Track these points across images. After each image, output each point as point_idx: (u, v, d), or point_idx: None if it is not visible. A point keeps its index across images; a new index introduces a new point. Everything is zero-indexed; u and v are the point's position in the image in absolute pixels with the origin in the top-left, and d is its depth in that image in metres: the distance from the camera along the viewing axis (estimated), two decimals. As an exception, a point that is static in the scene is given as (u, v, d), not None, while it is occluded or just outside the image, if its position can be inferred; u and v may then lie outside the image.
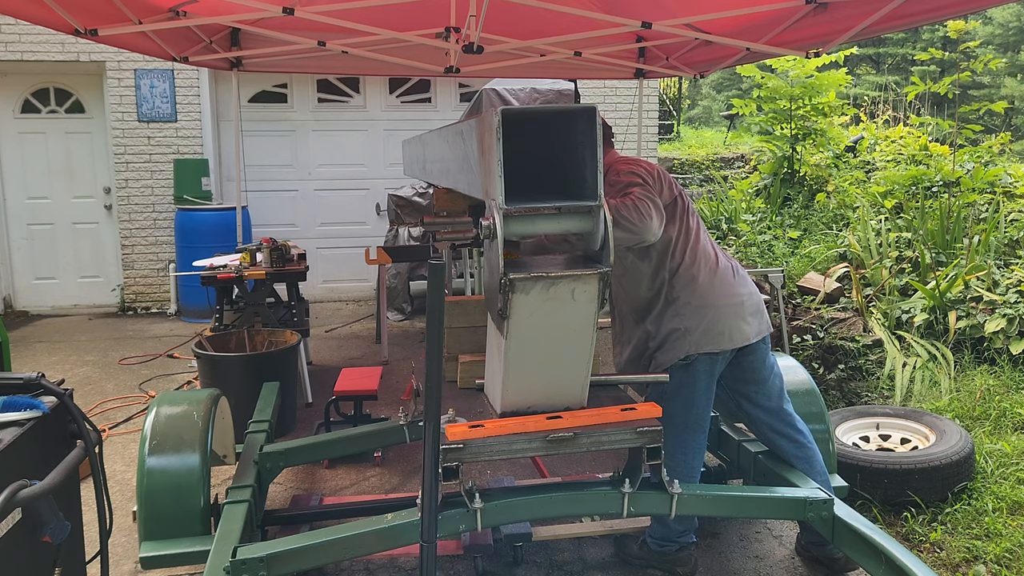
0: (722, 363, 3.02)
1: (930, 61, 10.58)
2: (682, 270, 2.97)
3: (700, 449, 3.11)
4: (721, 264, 3.05)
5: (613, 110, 8.70)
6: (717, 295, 2.97)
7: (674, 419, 2.99)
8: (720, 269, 3.04)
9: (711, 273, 3.00)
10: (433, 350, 2.15)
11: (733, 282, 3.03)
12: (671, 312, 2.98)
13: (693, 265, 2.98)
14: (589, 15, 4.58)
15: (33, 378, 2.12)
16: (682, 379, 2.98)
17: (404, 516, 2.59)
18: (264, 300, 5.31)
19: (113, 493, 3.78)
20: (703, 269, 2.99)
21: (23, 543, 1.90)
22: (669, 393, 2.99)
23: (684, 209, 3.04)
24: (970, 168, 7.13)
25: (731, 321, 2.95)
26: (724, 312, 2.95)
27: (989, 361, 4.98)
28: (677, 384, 2.98)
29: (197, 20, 4.62)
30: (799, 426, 3.15)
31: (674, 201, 3.01)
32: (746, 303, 3.02)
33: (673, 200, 3.01)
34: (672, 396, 3.00)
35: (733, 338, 2.95)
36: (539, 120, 2.43)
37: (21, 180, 8.07)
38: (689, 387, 3.00)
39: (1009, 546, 3.27)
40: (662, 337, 2.99)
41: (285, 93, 8.39)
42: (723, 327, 2.94)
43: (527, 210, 2.32)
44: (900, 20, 3.87)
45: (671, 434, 2.98)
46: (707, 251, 3.05)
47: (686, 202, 3.07)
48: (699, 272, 2.98)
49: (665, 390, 2.99)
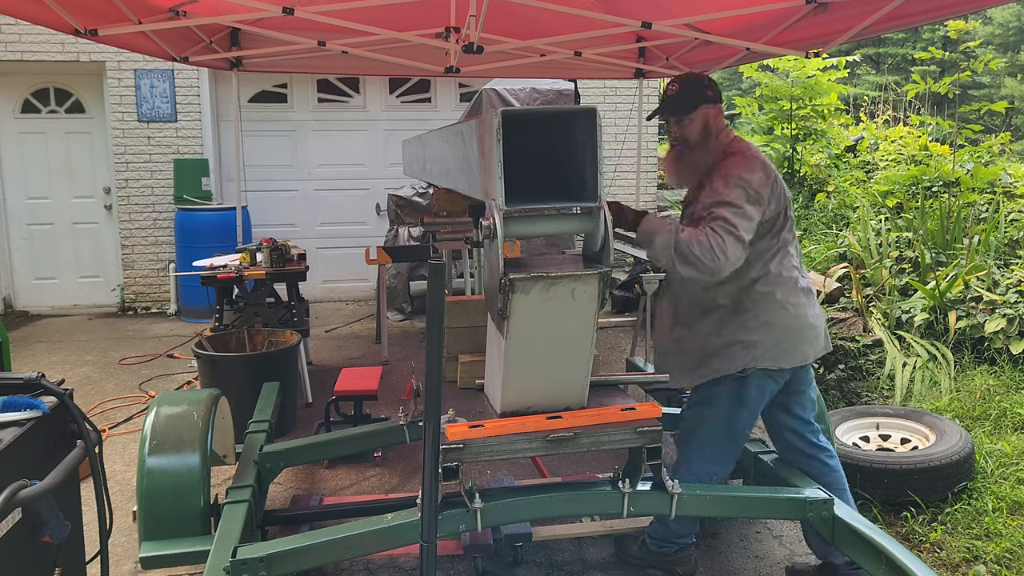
0: (777, 382, 2.90)
1: (930, 61, 10.58)
2: (763, 283, 2.83)
3: (729, 462, 3.03)
4: (801, 283, 2.91)
5: (613, 110, 8.70)
6: (791, 314, 2.83)
7: (713, 427, 2.91)
8: (800, 288, 2.89)
9: (791, 291, 2.85)
10: (433, 350, 2.15)
11: (806, 302, 2.90)
12: (740, 322, 2.84)
13: (776, 280, 2.83)
14: (589, 15, 4.58)
15: (33, 378, 2.12)
16: (733, 390, 2.87)
17: (404, 516, 2.59)
18: (264, 300, 5.31)
19: (113, 493, 3.78)
20: (784, 285, 2.84)
21: (23, 543, 1.90)
22: (714, 400, 2.90)
23: (784, 222, 2.85)
24: (970, 168, 7.13)
25: (798, 342, 2.85)
26: (793, 332, 2.84)
27: (989, 361, 4.98)
28: (726, 393, 2.88)
29: (197, 20, 4.62)
30: (825, 444, 3.07)
31: (778, 215, 2.81)
32: (816, 325, 2.90)
33: (777, 214, 2.81)
34: (716, 404, 2.91)
35: (794, 358, 2.85)
36: (539, 121, 2.43)
37: (21, 180, 8.07)
38: (738, 400, 2.89)
39: (1009, 546, 3.27)
40: (722, 344, 2.85)
41: (285, 93, 8.39)
42: (788, 346, 2.83)
43: (527, 211, 2.32)
44: (900, 20, 3.87)
45: (706, 442, 2.92)
46: (792, 267, 2.89)
47: (789, 214, 2.87)
48: (779, 288, 2.83)
49: (711, 396, 2.90)
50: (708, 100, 2.86)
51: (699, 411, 2.99)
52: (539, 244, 7.30)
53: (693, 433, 3.02)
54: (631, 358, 4.64)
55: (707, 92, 2.87)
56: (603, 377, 2.92)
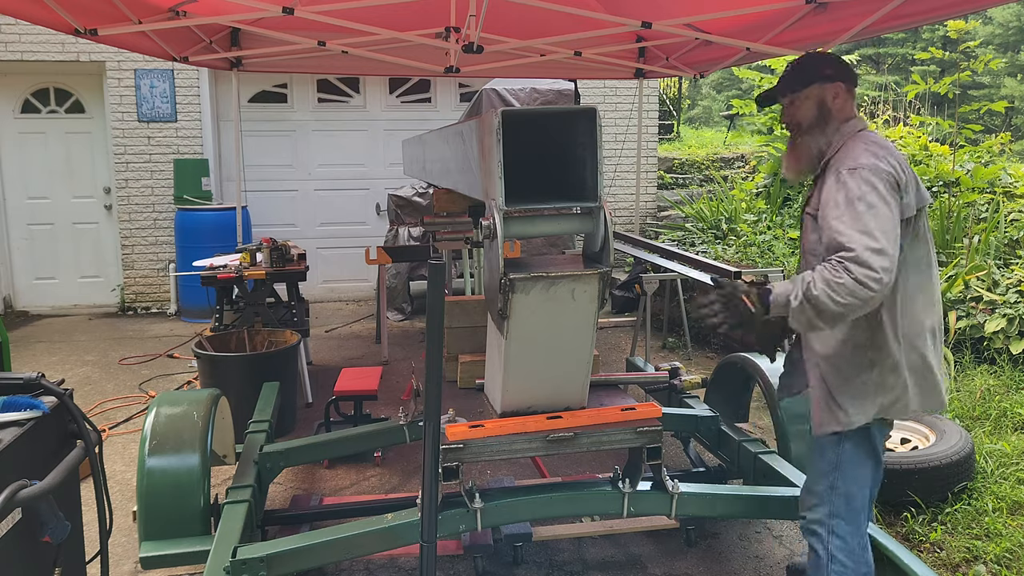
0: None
1: (930, 61, 10.58)
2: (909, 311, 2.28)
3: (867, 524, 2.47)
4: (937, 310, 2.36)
5: (613, 110, 8.70)
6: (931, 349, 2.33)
7: (853, 494, 2.36)
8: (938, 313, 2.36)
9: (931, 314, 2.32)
10: (433, 350, 2.15)
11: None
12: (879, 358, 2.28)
13: (922, 306, 2.30)
14: (589, 15, 4.58)
15: (33, 378, 2.12)
16: (861, 444, 2.35)
17: (404, 516, 2.60)
18: (264, 300, 5.31)
19: (113, 493, 3.78)
20: (930, 313, 2.32)
21: (23, 543, 1.90)
22: (845, 462, 2.35)
23: (923, 228, 2.30)
24: (970, 168, 7.13)
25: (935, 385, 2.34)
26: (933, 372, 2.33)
27: (989, 361, 4.98)
28: (856, 449, 2.35)
29: (197, 20, 4.62)
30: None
31: (912, 219, 2.23)
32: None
33: (911, 217, 2.23)
34: (852, 464, 2.35)
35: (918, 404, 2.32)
36: (539, 121, 2.43)
37: (21, 180, 8.07)
38: (872, 454, 2.38)
39: (1009, 546, 3.27)
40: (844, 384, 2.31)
41: (285, 93, 8.39)
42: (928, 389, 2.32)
43: (527, 211, 2.33)
44: (900, 20, 3.87)
45: (848, 513, 2.36)
46: (935, 286, 2.34)
47: (924, 217, 2.32)
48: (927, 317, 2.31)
49: (840, 460, 2.36)
50: (825, 78, 2.37)
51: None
52: (539, 244, 7.30)
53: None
54: (631, 358, 4.64)
55: (824, 69, 2.39)
56: (603, 377, 2.92)
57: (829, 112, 2.37)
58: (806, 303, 2.09)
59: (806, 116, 2.40)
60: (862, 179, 2.13)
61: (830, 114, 2.37)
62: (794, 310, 2.12)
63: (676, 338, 6.67)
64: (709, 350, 6.47)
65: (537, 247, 7.26)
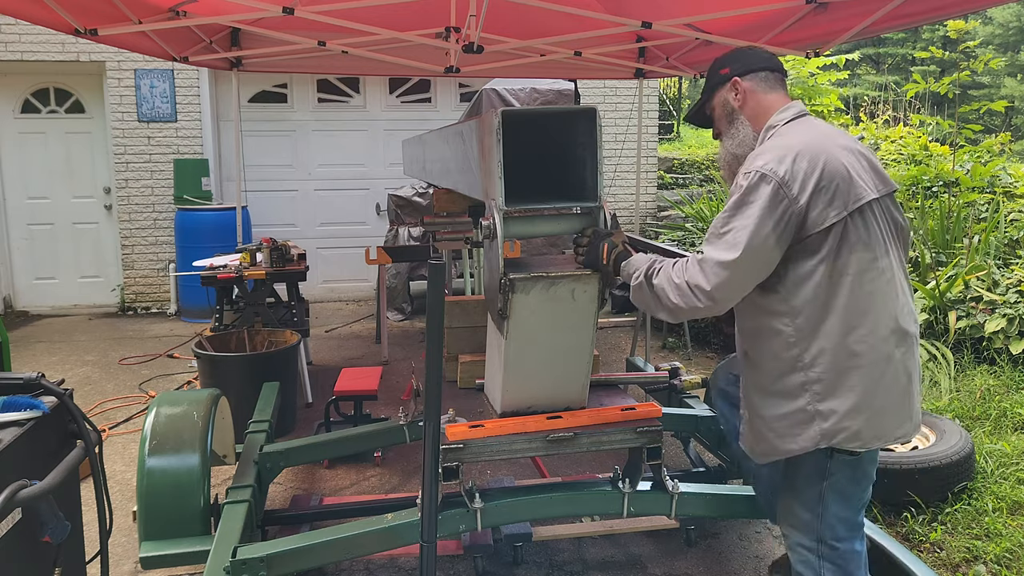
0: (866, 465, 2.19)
1: (930, 60, 10.58)
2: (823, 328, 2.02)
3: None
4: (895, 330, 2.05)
5: (613, 110, 8.70)
6: (888, 366, 2.05)
7: (803, 522, 2.20)
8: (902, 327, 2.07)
9: (887, 329, 2.04)
10: (433, 350, 2.15)
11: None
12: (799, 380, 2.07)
13: (875, 321, 2.02)
14: (589, 15, 4.58)
15: (33, 378, 2.12)
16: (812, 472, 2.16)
17: (404, 516, 2.60)
18: (264, 300, 5.31)
19: (113, 493, 3.78)
20: (885, 327, 2.03)
21: (23, 543, 1.90)
22: (799, 486, 2.20)
23: (862, 233, 2.01)
24: (969, 168, 7.13)
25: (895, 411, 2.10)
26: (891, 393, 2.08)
27: (989, 361, 4.98)
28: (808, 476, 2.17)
29: (197, 20, 4.62)
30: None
31: (836, 226, 1.98)
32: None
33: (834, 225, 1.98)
34: (802, 490, 2.20)
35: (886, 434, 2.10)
36: (539, 121, 2.43)
37: (21, 180, 8.07)
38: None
39: (1009, 546, 3.27)
40: (777, 417, 2.13)
41: (285, 93, 8.39)
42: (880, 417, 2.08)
43: (527, 211, 2.32)
44: (900, 20, 3.87)
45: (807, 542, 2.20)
46: (894, 297, 2.05)
47: (869, 220, 2.02)
48: (876, 335, 2.02)
49: (797, 483, 2.20)
50: (721, 79, 2.25)
51: None
52: (539, 244, 7.30)
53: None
54: (631, 358, 4.64)
55: (719, 71, 2.26)
56: (603, 377, 2.91)
57: (734, 112, 2.25)
58: (645, 286, 2.12)
59: (720, 125, 2.31)
60: (750, 185, 1.99)
61: (735, 113, 2.25)
62: (633, 288, 2.16)
63: (676, 338, 6.67)
64: (709, 350, 6.47)
65: (537, 247, 7.26)
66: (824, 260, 1.99)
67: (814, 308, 2.02)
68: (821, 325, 2.02)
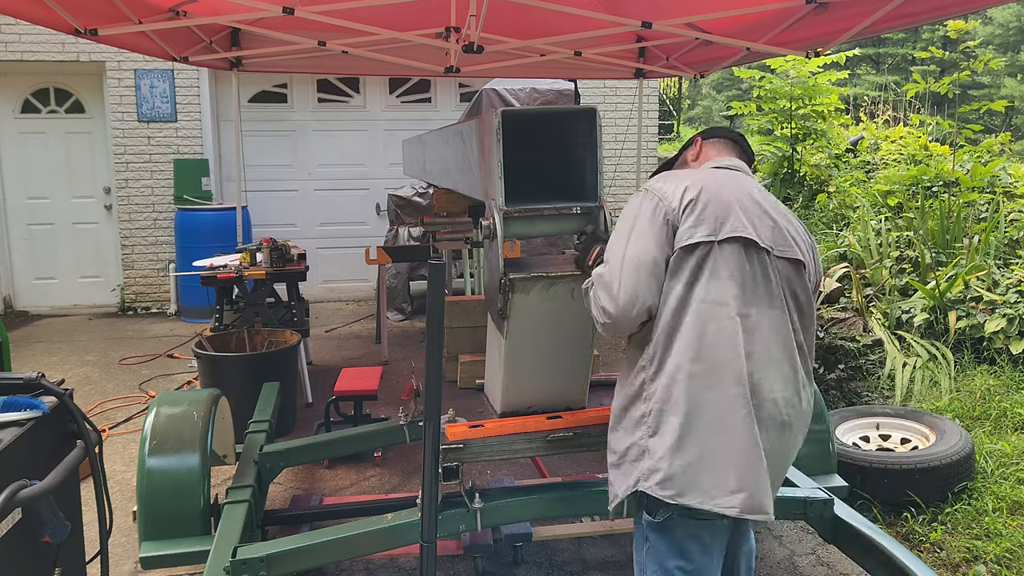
0: (718, 533, 2.02)
1: (930, 60, 10.58)
2: (665, 361, 1.93)
3: None
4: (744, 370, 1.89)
5: (613, 110, 8.70)
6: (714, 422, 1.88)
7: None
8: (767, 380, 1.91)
9: (732, 375, 1.88)
10: (433, 350, 2.15)
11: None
12: (639, 413, 1.98)
13: (684, 361, 1.90)
14: (589, 15, 4.58)
15: (33, 378, 2.12)
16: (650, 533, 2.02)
17: (404, 516, 2.59)
18: (264, 300, 5.31)
19: (113, 493, 3.78)
20: (731, 374, 1.89)
21: (23, 543, 1.90)
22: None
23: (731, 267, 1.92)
24: (970, 168, 7.13)
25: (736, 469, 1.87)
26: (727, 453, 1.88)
27: (989, 361, 4.98)
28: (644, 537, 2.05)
29: (197, 20, 4.61)
30: None
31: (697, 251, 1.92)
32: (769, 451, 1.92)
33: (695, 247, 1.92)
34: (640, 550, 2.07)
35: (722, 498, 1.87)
36: (539, 121, 2.43)
37: (21, 180, 8.07)
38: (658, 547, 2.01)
39: (1009, 546, 3.27)
40: (621, 451, 2.02)
41: (285, 93, 8.39)
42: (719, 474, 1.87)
43: (527, 211, 2.33)
44: (900, 20, 3.87)
45: None
46: (731, 356, 1.88)
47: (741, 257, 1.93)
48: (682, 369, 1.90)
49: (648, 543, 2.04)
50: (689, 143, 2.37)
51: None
52: (539, 244, 7.30)
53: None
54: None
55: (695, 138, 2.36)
56: (603, 377, 2.92)
57: (685, 163, 2.31)
58: (587, 293, 2.08)
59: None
60: (639, 199, 2.01)
61: (685, 164, 2.30)
62: (585, 290, 2.11)
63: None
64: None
65: (537, 247, 7.26)
66: (685, 284, 1.91)
67: (664, 335, 1.92)
68: (667, 355, 1.92)
